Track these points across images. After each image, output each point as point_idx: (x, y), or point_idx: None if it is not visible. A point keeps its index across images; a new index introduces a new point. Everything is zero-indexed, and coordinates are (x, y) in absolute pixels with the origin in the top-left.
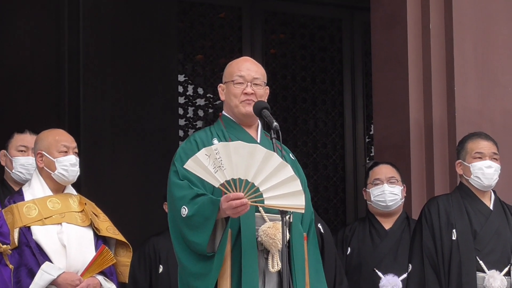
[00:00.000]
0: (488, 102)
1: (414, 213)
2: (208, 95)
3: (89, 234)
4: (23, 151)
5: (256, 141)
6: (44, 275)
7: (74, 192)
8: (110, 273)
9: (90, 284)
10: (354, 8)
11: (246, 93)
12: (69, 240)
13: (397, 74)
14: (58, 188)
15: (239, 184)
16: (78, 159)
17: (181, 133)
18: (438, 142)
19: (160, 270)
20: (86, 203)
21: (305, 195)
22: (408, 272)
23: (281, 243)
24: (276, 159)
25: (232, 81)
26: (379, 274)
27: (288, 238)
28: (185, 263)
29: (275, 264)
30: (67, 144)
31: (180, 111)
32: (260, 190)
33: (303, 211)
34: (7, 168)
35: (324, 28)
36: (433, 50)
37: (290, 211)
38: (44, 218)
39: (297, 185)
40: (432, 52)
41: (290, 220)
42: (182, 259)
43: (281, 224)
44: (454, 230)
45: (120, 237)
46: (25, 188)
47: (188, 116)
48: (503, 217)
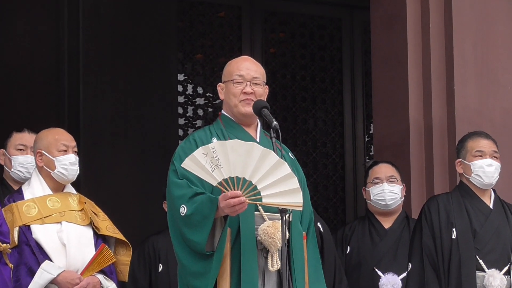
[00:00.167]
0: (487, 102)
1: (414, 212)
2: (207, 94)
3: (88, 233)
4: (22, 150)
5: (256, 140)
6: (44, 274)
7: (74, 191)
8: (110, 272)
9: (90, 283)
10: (354, 7)
11: (245, 92)
12: (69, 239)
13: (396, 73)
14: (57, 187)
15: (237, 182)
16: (77, 158)
17: (180, 132)
18: (438, 141)
19: (160, 269)
20: (85, 202)
21: (304, 194)
22: (408, 271)
23: (280, 242)
24: (273, 157)
25: (232, 80)
26: (379, 273)
27: (287, 237)
28: (184, 262)
29: (274, 263)
30: (67, 143)
31: (180, 110)
32: (258, 188)
33: (301, 208)
34: (6, 167)
35: (323, 27)
36: (432, 49)
37: (289, 209)
38: (44, 217)
39: (294, 182)
40: (431, 52)
41: (289, 219)
42: (182, 258)
43: (280, 223)
44: (454, 229)
45: (120, 236)
46: (24, 187)
47: (187, 115)
48: (503, 216)
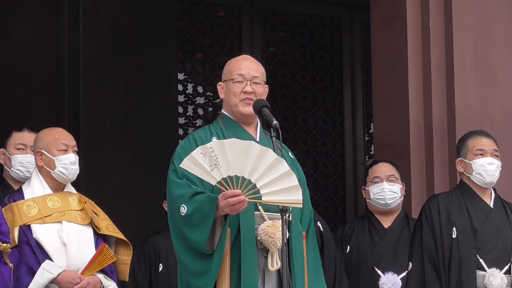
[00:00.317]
0: (487, 101)
1: (414, 211)
2: (207, 94)
3: (89, 232)
4: (22, 149)
5: (256, 139)
6: (44, 273)
7: (74, 190)
8: (110, 271)
9: (90, 282)
10: (354, 7)
11: (245, 91)
12: (69, 238)
13: (396, 72)
14: (57, 186)
15: (236, 181)
16: (77, 157)
17: (180, 131)
18: (438, 141)
19: (160, 269)
20: (86, 202)
21: (304, 193)
22: (408, 270)
23: (280, 242)
24: (271, 155)
25: (232, 79)
26: (379, 272)
27: (287, 236)
28: (185, 261)
29: (274, 263)
30: (67, 142)
31: (180, 110)
32: (257, 186)
33: (300, 205)
34: (6, 166)
35: (323, 27)
36: (433, 48)
37: (289, 208)
38: (44, 217)
39: (293, 180)
40: (432, 51)
41: (289, 219)
42: (182, 258)
43: (280, 223)
44: (454, 228)
45: (120, 235)
46: (25, 187)
47: (187, 114)
48: (504, 215)
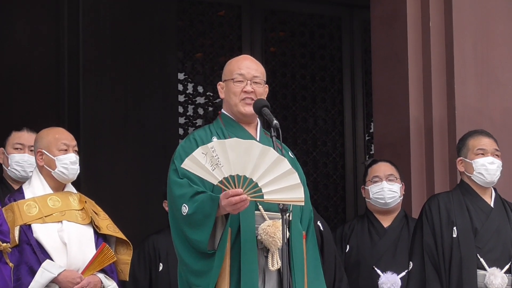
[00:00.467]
0: (488, 100)
1: (414, 211)
2: (208, 93)
3: (89, 232)
4: (19, 148)
5: (256, 139)
6: (44, 273)
7: (74, 190)
8: (110, 271)
9: (91, 282)
10: (354, 6)
11: (245, 91)
12: (69, 238)
13: (397, 72)
14: (58, 186)
15: (238, 180)
16: (78, 157)
17: (180, 131)
18: (438, 140)
19: (160, 268)
20: (86, 201)
21: (304, 193)
22: (409, 270)
23: (281, 242)
24: (272, 153)
25: (232, 79)
26: (378, 272)
27: (287, 236)
28: (187, 261)
29: (275, 263)
30: (67, 142)
31: (180, 109)
32: (259, 185)
33: (302, 203)
34: (4, 166)
35: (323, 26)
36: (433, 48)
37: (290, 208)
38: (45, 216)
39: (295, 178)
40: (432, 50)
41: (289, 219)
42: (184, 257)
43: (281, 223)
44: (455, 228)
45: (120, 235)
46: (25, 186)
47: (188, 114)
48: (504, 214)
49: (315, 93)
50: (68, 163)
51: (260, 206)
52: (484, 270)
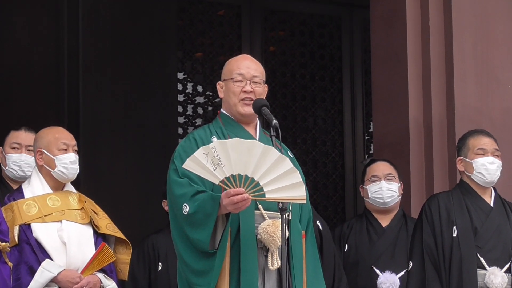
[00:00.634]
0: (487, 100)
1: (413, 210)
2: (207, 93)
3: (88, 231)
4: (17, 148)
5: (255, 139)
6: (44, 272)
7: (74, 189)
8: (110, 270)
9: (90, 281)
10: (354, 6)
11: (245, 91)
12: (69, 237)
13: (396, 71)
14: (57, 185)
15: (239, 179)
16: (77, 157)
17: (180, 130)
18: (438, 140)
19: (159, 268)
20: (85, 201)
21: None
22: (409, 270)
23: (280, 241)
24: (274, 153)
25: (231, 79)
26: (377, 271)
27: (287, 235)
28: (187, 260)
29: (274, 262)
30: (67, 142)
31: (180, 109)
32: (261, 184)
33: (304, 201)
34: (2, 165)
35: (323, 26)
36: (432, 47)
37: (289, 207)
38: (44, 216)
39: (297, 177)
40: (431, 50)
41: (289, 218)
42: (185, 257)
43: (280, 222)
44: (455, 227)
45: (120, 234)
46: (24, 186)
47: (187, 113)
48: (504, 214)
49: (315, 92)
50: (68, 163)
51: (259, 206)
52: (484, 269)
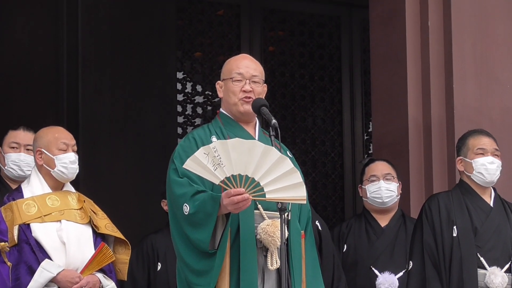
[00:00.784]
0: (486, 100)
1: (413, 210)
2: (206, 93)
3: (88, 231)
4: (15, 147)
5: (254, 138)
6: (43, 272)
7: (73, 189)
8: (109, 270)
9: (89, 281)
10: (353, 6)
11: (244, 90)
12: (68, 237)
13: (395, 71)
14: (57, 185)
15: (239, 179)
16: (77, 156)
17: (179, 130)
18: (437, 140)
19: (159, 268)
20: (84, 201)
21: None
22: (409, 269)
23: (280, 241)
24: (275, 153)
25: (231, 78)
26: (376, 272)
27: (286, 235)
28: (187, 260)
29: (274, 262)
30: (67, 141)
31: (179, 109)
32: (261, 184)
33: (305, 202)
34: (1, 165)
35: (322, 26)
36: (431, 47)
37: (288, 207)
38: (44, 216)
39: (297, 177)
40: (430, 50)
41: (288, 218)
42: (185, 257)
43: (279, 222)
44: (455, 227)
45: (119, 234)
46: (24, 186)
47: (186, 113)
48: (504, 214)
49: (314, 92)
50: (68, 163)
51: (259, 206)
52: (484, 269)
